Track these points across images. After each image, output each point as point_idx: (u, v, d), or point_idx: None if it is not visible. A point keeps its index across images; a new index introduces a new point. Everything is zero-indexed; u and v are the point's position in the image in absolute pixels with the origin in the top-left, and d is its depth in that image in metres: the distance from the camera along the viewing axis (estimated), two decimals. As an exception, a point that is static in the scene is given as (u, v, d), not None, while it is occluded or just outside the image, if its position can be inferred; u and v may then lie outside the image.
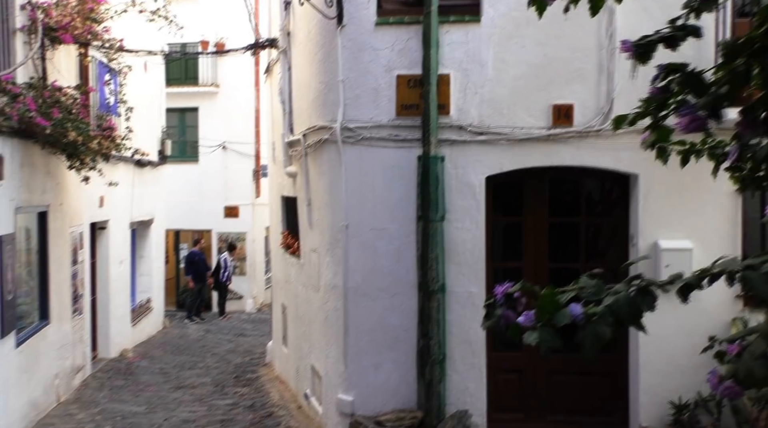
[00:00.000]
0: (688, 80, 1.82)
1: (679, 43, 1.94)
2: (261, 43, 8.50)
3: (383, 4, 5.19)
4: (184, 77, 15.97)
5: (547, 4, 2.08)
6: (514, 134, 4.91)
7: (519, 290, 1.71)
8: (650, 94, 2.04)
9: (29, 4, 5.76)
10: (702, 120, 1.73)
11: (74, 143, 6.01)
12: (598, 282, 1.62)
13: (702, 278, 1.54)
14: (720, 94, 1.68)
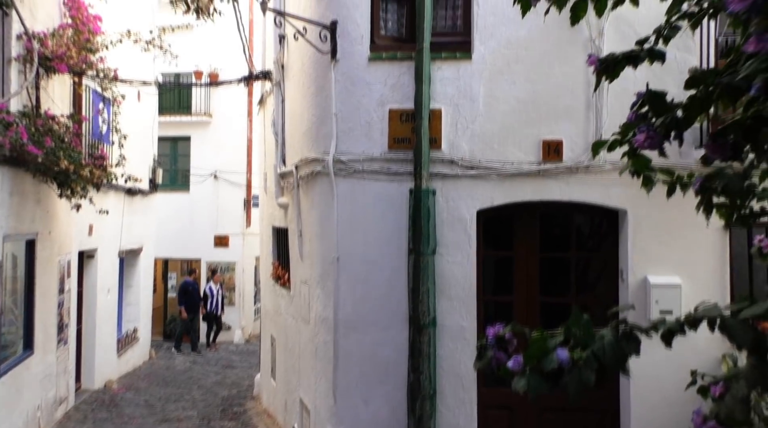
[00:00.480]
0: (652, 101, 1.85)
1: (640, 61, 1.99)
2: (255, 75, 8.59)
3: (376, 40, 5.28)
4: (177, 106, 16.07)
5: (531, 5, 2.13)
6: (504, 168, 4.96)
7: (510, 332, 1.73)
8: (628, 120, 2.07)
9: (26, 34, 5.81)
10: (657, 139, 1.76)
11: (66, 171, 6.01)
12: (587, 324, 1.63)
13: (684, 324, 1.56)
14: (677, 116, 1.72)
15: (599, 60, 2.00)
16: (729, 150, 1.60)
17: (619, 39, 4.63)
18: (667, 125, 1.64)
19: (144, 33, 8.19)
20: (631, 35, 4.52)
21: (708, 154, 1.67)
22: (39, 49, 6.07)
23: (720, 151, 1.61)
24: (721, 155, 1.62)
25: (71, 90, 7.77)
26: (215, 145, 15.85)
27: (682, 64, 4.45)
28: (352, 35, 5.20)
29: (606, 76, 1.96)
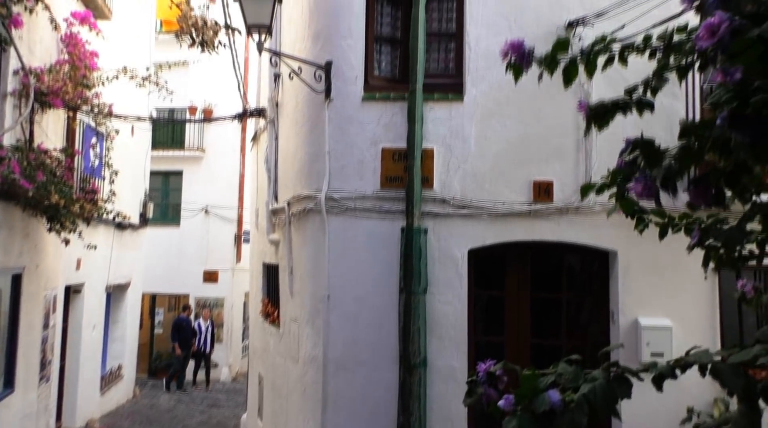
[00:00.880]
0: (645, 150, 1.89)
1: (630, 110, 2.04)
2: (249, 112, 8.68)
3: (370, 81, 5.37)
4: (170, 141, 16.14)
5: (523, 71, 2.18)
6: (496, 208, 5.00)
7: (500, 369, 1.73)
8: (618, 167, 2.11)
9: (23, 69, 5.86)
10: (654, 188, 1.80)
11: (56, 205, 5.98)
12: (575, 369, 1.64)
13: (675, 368, 1.57)
14: (671, 166, 1.76)
15: (589, 107, 2.04)
16: (712, 196, 1.63)
17: (606, 83, 4.72)
18: (664, 175, 1.67)
19: (140, 69, 8.28)
20: (619, 80, 4.60)
21: (691, 200, 1.70)
22: (35, 84, 6.12)
23: (703, 197, 1.64)
24: (704, 201, 1.65)
25: (65, 124, 7.80)
26: (207, 180, 15.87)
27: (668, 109, 4.55)
28: (346, 75, 5.28)
29: (596, 123, 2.00)
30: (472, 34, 5.20)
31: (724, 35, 1.13)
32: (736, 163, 1.49)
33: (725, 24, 1.13)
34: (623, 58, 2.01)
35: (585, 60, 2.03)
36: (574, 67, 2.00)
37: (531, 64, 2.09)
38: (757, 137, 1.26)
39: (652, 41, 1.94)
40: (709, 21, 1.16)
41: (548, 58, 2.04)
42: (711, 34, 1.15)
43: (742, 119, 1.25)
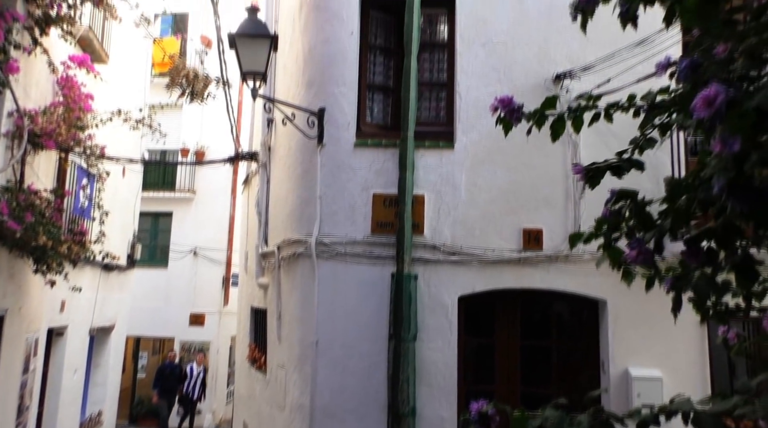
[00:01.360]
0: (637, 211, 1.94)
1: (624, 172, 2.10)
2: (241, 155, 8.74)
3: (362, 127, 5.45)
4: (161, 182, 16.15)
5: (512, 125, 2.23)
6: (486, 255, 5.02)
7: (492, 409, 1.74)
8: (603, 216, 2.15)
9: (17, 111, 5.90)
10: (649, 253, 1.83)
11: (43, 247, 5.92)
12: (561, 413, 1.64)
13: (659, 415, 1.58)
14: (664, 228, 1.80)
15: (585, 169, 2.09)
16: (704, 256, 1.66)
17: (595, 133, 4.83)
18: (657, 238, 1.71)
19: (134, 110, 8.36)
20: (605, 131, 4.73)
21: (685, 258, 1.73)
22: (29, 126, 6.15)
23: (695, 257, 1.67)
24: (696, 260, 1.68)
25: (57, 165, 7.80)
26: (197, 222, 15.83)
27: (654, 159, 4.63)
28: (338, 122, 5.37)
29: (589, 183, 2.06)
30: (462, 84, 5.33)
31: (720, 107, 1.18)
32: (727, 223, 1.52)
33: (721, 96, 1.18)
34: (609, 115, 2.08)
35: (572, 116, 2.09)
36: (561, 123, 2.06)
37: (520, 119, 2.15)
38: (755, 205, 1.29)
39: (636, 100, 2.01)
40: (705, 93, 1.20)
41: (537, 113, 2.10)
42: (708, 105, 1.19)
43: (739, 188, 1.29)
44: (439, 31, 5.75)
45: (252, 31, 5.32)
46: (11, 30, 4.89)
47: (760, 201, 1.28)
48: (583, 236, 2.26)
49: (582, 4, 1.91)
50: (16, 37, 5.24)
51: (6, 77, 5.03)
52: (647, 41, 4.23)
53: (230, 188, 15.44)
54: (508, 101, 2.17)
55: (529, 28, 5.33)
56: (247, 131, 10.45)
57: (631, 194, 1.97)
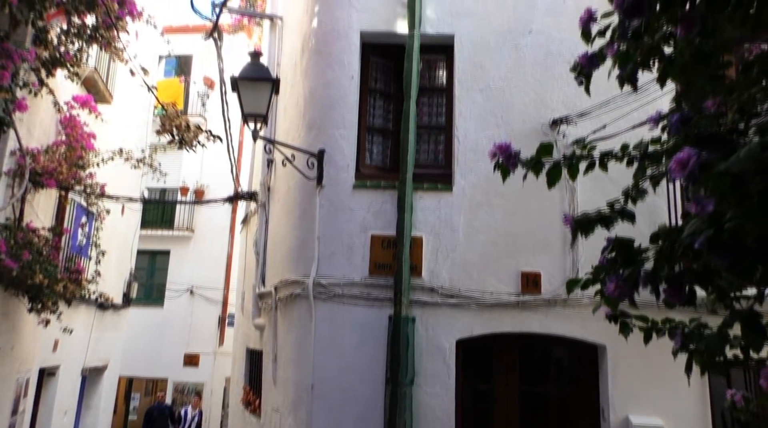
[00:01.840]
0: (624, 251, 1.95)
1: (612, 223, 2.12)
2: (240, 195, 8.78)
3: (361, 169, 5.50)
4: (160, 220, 16.17)
5: (510, 171, 2.27)
6: (484, 298, 4.99)
7: None
8: (600, 264, 2.17)
9: (20, 150, 5.96)
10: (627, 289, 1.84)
11: (39, 285, 5.89)
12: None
13: None
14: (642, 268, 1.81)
15: (574, 220, 2.12)
16: (685, 295, 1.68)
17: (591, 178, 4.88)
18: (635, 277, 1.73)
19: (136, 149, 8.44)
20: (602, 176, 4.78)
21: (667, 297, 1.75)
22: (31, 165, 6.20)
23: (677, 296, 1.69)
24: (678, 299, 1.70)
25: (56, 203, 7.82)
26: (194, 260, 15.78)
27: (651, 205, 4.66)
28: (338, 163, 5.41)
29: (581, 232, 2.08)
30: (461, 128, 5.40)
31: (693, 169, 1.21)
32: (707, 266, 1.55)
33: (693, 159, 1.21)
34: (603, 164, 2.11)
35: (567, 164, 2.12)
36: (557, 171, 2.09)
37: (517, 166, 2.19)
38: (734, 261, 1.31)
39: (629, 150, 2.05)
40: (679, 156, 1.24)
41: (533, 160, 2.13)
42: (682, 167, 1.23)
43: (719, 245, 1.32)
44: (438, 76, 5.87)
45: (254, 75, 5.41)
46: (19, 71, 4.98)
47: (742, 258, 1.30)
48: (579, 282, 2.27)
49: (583, 68, 1.97)
50: (24, 78, 5.34)
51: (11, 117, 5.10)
52: (642, 89, 4.31)
53: (229, 227, 15.45)
54: (505, 148, 2.22)
55: (525, 75, 5.44)
56: (247, 170, 10.52)
57: (626, 243, 1.99)
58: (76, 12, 5.39)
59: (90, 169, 7.42)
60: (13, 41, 4.76)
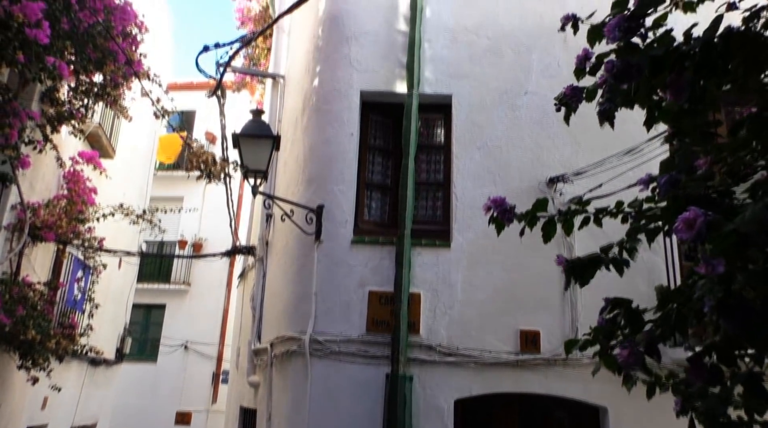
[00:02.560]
0: (629, 316, 1.94)
1: (602, 266, 2.11)
2: (238, 249, 8.76)
3: (360, 224, 5.53)
4: (156, 274, 16.06)
5: (505, 225, 2.27)
6: (482, 357, 4.92)
7: None
8: (599, 325, 2.15)
9: (21, 204, 5.99)
10: (640, 355, 1.81)
11: (31, 341, 5.79)
12: None
13: None
14: (655, 334, 1.79)
15: (567, 261, 2.12)
16: (708, 374, 1.64)
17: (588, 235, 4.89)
18: (648, 342, 1.70)
19: (136, 203, 8.49)
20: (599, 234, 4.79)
21: (690, 377, 1.70)
22: (31, 219, 6.22)
23: (700, 375, 1.64)
24: (701, 378, 1.66)
25: (54, 256, 7.80)
26: (190, 315, 15.59)
27: (648, 263, 4.68)
28: (337, 219, 5.44)
29: (576, 279, 2.07)
30: (459, 185, 5.46)
31: (701, 229, 1.22)
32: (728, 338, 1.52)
33: (701, 219, 1.22)
34: (598, 220, 2.13)
35: (563, 219, 2.14)
36: (552, 226, 2.11)
37: (512, 220, 2.20)
38: (745, 324, 1.30)
39: (624, 207, 2.07)
40: (685, 216, 1.25)
41: (528, 215, 2.15)
42: (689, 227, 1.24)
43: (729, 308, 1.31)
44: (437, 134, 5.98)
45: (255, 132, 5.51)
46: (25, 129, 5.08)
47: (749, 320, 1.29)
48: (578, 343, 2.24)
49: (566, 98, 2.01)
50: (30, 135, 5.43)
51: (14, 173, 5.16)
52: (636, 150, 4.40)
53: (226, 281, 15.35)
54: (500, 202, 2.23)
55: (522, 134, 5.55)
56: (245, 224, 10.54)
57: (625, 303, 1.98)
58: (84, 71, 5.54)
59: (89, 223, 7.43)
60: (20, 99, 4.87)
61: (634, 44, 1.70)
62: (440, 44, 5.89)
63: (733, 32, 1.59)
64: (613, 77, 1.81)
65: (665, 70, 1.68)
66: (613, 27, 1.78)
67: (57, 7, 4.37)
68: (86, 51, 5.15)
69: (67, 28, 4.58)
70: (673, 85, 1.66)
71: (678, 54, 1.61)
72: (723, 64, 1.59)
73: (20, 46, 3.71)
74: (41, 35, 3.66)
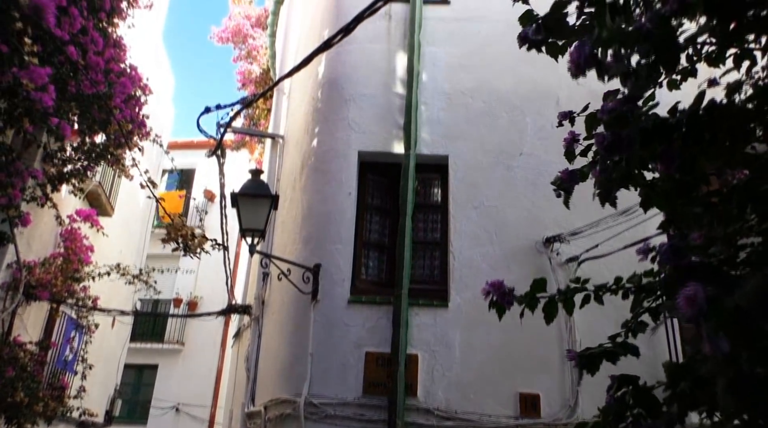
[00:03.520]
0: (640, 397, 1.90)
1: (618, 358, 2.08)
2: (234, 308, 8.67)
3: (357, 284, 5.50)
4: (150, 333, 15.81)
5: (505, 309, 2.25)
6: (482, 421, 4.79)
7: None
8: (607, 404, 2.10)
9: (17, 263, 5.96)
10: None
11: (19, 404, 5.64)
12: None
13: None
14: (672, 414, 1.75)
15: (579, 355, 2.10)
16: None
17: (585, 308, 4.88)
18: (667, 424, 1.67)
19: (132, 261, 8.46)
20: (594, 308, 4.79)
21: None
22: (26, 277, 6.18)
23: None
24: None
25: (47, 315, 7.70)
26: (183, 375, 15.24)
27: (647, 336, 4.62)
28: (334, 278, 5.42)
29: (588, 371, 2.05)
30: (456, 244, 5.47)
31: (702, 305, 1.22)
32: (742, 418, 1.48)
33: (701, 294, 1.23)
34: (598, 297, 2.12)
35: (563, 299, 2.14)
36: (553, 306, 2.10)
37: (512, 303, 2.18)
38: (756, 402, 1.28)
39: (623, 282, 2.07)
40: (686, 292, 1.25)
41: (528, 296, 2.14)
42: (691, 304, 1.24)
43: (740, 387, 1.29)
44: (434, 194, 6.04)
45: (254, 192, 5.57)
46: (26, 188, 5.12)
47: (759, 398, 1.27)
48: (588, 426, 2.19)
49: (563, 183, 2.04)
50: (30, 193, 5.47)
51: (12, 231, 5.17)
52: (631, 211, 4.44)
53: (220, 341, 15.09)
54: (499, 285, 2.21)
55: (518, 194, 5.61)
56: (242, 282, 10.48)
57: (632, 380, 1.95)
58: (88, 131, 5.65)
59: (84, 282, 7.38)
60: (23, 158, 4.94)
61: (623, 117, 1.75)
62: (436, 107, 6.04)
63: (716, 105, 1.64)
64: (605, 150, 1.85)
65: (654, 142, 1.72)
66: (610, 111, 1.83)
67: (65, 71, 4.50)
68: (91, 112, 5.26)
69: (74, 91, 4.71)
70: (663, 156, 1.70)
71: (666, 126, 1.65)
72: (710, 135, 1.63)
73: (26, 112, 3.79)
74: (46, 98, 3.75)
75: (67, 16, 4.36)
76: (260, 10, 12.92)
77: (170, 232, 6.66)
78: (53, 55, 4.29)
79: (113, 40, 5.54)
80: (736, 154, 1.59)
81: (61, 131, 4.49)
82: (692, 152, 1.57)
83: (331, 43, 4.37)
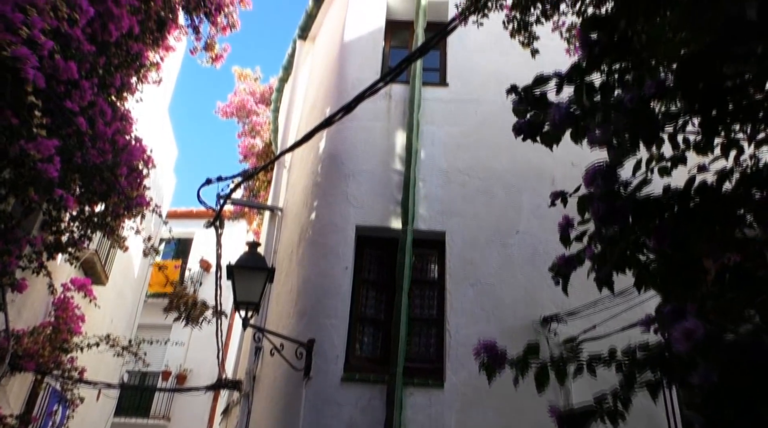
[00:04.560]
0: None
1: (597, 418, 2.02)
2: (224, 383, 8.44)
3: (351, 360, 5.38)
4: (136, 407, 15.26)
5: (495, 372, 2.20)
6: None
7: None
8: None
9: (5, 332, 5.85)
10: None
11: (-7, 482, 5.36)
12: None
13: None
14: None
15: (559, 413, 2.06)
16: None
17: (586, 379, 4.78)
18: None
19: (122, 331, 8.29)
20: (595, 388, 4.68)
21: None
22: (14, 347, 6.04)
23: None
24: None
25: (30, 387, 7.46)
26: (167, 454, 14.61)
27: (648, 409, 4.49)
28: (327, 354, 5.31)
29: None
30: (452, 322, 5.41)
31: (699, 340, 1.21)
32: None
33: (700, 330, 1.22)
34: (591, 368, 2.09)
35: (555, 368, 2.10)
36: (545, 374, 2.07)
37: (504, 366, 2.15)
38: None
39: (617, 355, 2.05)
40: (685, 326, 1.24)
41: (520, 361, 2.11)
42: (687, 338, 1.23)
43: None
44: (430, 270, 6.03)
45: (250, 264, 5.56)
46: (22, 256, 5.11)
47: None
48: None
49: (561, 269, 2.05)
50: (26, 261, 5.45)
51: (3, 298, 5.10)
52: (628, 292, 4.42)
53: (208, 417, 14.57)
54: (491, 346, 2.18)
55: (514, 272, 5.61)
56: (233, 355, 10.24)
57: None
58: (88, 202, 5.70)
59: (72, 353, 7.21)
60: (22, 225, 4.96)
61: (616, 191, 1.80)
62: (434, 184, 6.14)
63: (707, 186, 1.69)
64: (599, 220, 1.88)
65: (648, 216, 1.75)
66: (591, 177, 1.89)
67: (71, 143, 4.60)
68: (93, 184, 5.34)
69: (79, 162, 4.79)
70: (656, 231, 1.73)
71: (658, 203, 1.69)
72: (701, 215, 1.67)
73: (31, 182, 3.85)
74: (51, 169, 3.81)
75: (77, 89, 4.50)
76: (265, 87, 13.40)
77: (172, 300, 6.61)
78: (62, 127, 4.40)
79: (121, 113, 5.69)
80: (729, 238, 1.61)
81: (64, 202, 4.54)
82: (685, 230, 1.59)
83: (332, 121, 4.51)
